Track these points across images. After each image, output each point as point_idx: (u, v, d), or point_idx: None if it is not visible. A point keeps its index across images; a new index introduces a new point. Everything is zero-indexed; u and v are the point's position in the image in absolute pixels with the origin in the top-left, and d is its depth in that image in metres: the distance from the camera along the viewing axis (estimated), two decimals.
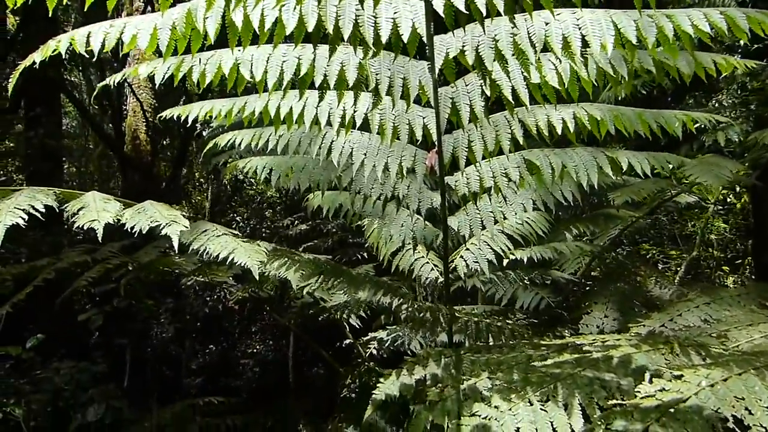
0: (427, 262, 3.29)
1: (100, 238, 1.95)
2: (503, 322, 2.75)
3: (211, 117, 2.38)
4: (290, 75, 1.81)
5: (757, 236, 6.85)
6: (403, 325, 3.34)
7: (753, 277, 8.11)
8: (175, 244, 2.11)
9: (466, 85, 2.12)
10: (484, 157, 2.49)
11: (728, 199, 8.53)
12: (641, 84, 4.27)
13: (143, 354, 6.84)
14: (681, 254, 8.40)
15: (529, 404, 1.56)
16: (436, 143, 2.41)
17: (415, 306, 2.82)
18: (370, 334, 3.63)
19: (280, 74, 1.81)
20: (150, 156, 8.71)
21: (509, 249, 3.19)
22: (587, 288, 3.58)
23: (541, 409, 1.54)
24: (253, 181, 9.57)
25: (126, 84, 8.75)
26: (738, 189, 7.83)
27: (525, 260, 3.29)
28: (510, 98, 1.94)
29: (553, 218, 3.39)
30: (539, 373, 1.66)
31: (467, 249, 3.18)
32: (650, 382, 1.50)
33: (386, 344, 3.49)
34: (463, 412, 1.68)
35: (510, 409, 1.55)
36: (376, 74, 1.88)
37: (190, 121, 2.41)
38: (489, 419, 1.55)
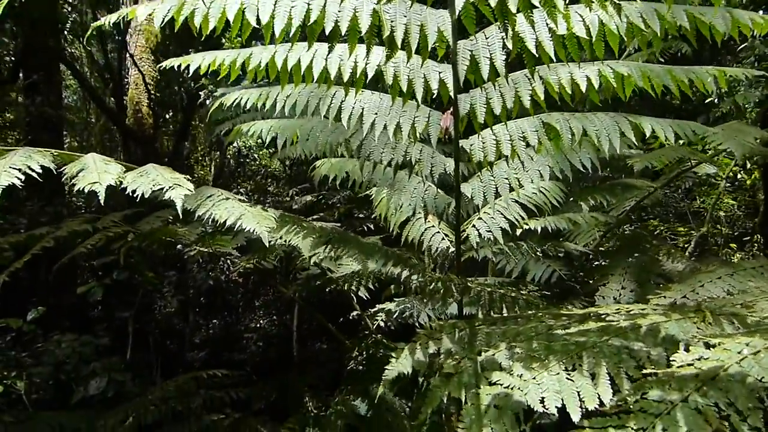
0: (438, 232, 3.18)
1: (102, 201, 1.85)
2: (517, 293, 2.65)
3: (214, 71, 2.25)
4: (299, 20, 1.69)
5: (766, 213, 6.76)
6: (412, 296, 3.25)
7: (761, 254, 8.02)
8: (179, 208, 2.01)
9: (487, 38, 2.00)
10: (499, 120, 2.37)
11: (738, 176, 8.42)
12: (659, 52, 4.13)
13: (146, 327, 6.79)
14: (689, 231, 8.30)
15: (553, 373, 1.47)
16: (451, 103, 2.29)
17: (426, 276, 2.72)
18: (377, 306, 3.54)
19: (288, 20, 1.69)
20: (152, 129, 8.58)
21: (523, 219, 3.08)
22: (602, 260, 3.47)
23: (567, 378, 1.45)
24: (256, 155, 9.45)
25: (128, 55, 8.61)
26: (749, 166, 7.73)
27: (539, 230, 3.18)
28: (534, 51, 1.81)
29: (569, 188, 3.28)
30: (563, 341, 1.56)
31: (480, 218, 3.07)
32: (686, 350, 1.40)
33: (394, 316, 3.40)
34: (481, 383, 1.59)
35: (534, 378, 1.46)
36: (391, 21, 1.76)
37: (191, 71, 2.29)
38: (511, 388, 1.45)
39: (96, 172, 2.21)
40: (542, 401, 1.41)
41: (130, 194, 2.33)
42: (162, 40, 8.71)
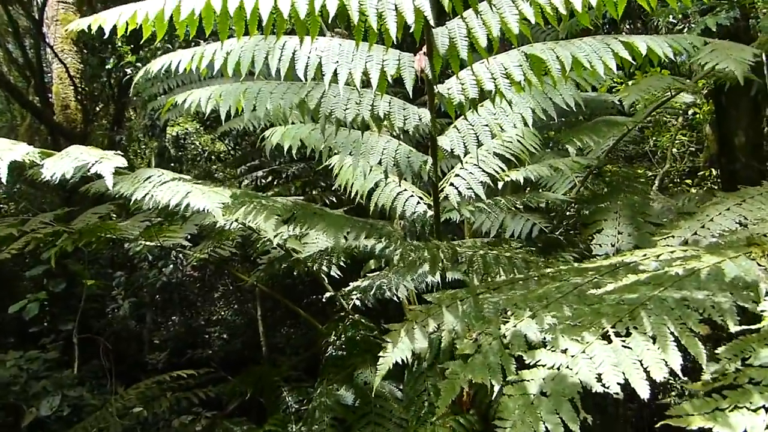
0: (412, 195, 2.88)
1: (3, 179, 1.49)
2: (512, 252, 2.38)
3: (131, 31, 1.86)
4: None
5: (722, 145, 6.74)
6: (394, 268, 2.94)
7: (717, 187, 8.05)
8: (110, 183, 1.68)
9: None
10: (480, 57, 2.06)
11: (689, 111, 8.40)
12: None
13: (96, 334, 6.34)
14: (645, 170, 8.26)
15: (605, 342, 1.19)
16: (424, 42, 1.97)
17: (408, 246, 2.41)
18: (351, 284, 3.23)
19: None
20: (83, 124, 8.00)
21: (503, 170, 2.81)
22: (586, 208, 3.24)
23: (623, 346, 1.17)
24: (198, 142, 8.90)
25: (48, 48, 7.96)
26: (698, 100, 7.70)
27: (521, 181, 2.91)
28: None
29: (544, 134, 3.02)
30: (607, 302, 1.28)
31: (457, 175, 2.78)
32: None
33: (371, 293, 3.09)
34: (510, 364, 1.31)
35: (584, 352, 1.18)
36: None
37: (107, 32, 1.89)
38: (559, 368, 1.17)
39: None
40: (599, 379, 1.13)
41: (64, 191, 1.97)
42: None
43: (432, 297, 1.98)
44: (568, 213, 3.47)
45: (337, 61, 1.97)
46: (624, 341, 1.18)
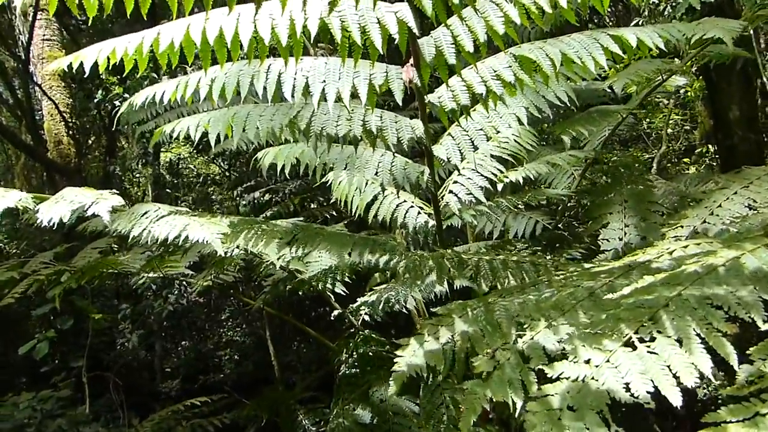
0: (412, 206, 2.84)
1: None
2: (518, 255, 2.34)
3: (115, 64, 1.82)
4: None
5: (717, 121, 6.71)
6: (400, 280, 2.90)
7: (716, 163, 8.01)
8: (107, 221, 1.66)
9: None
10: (467, 64, 2.02)
11: (681, 91, 8.37)
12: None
13: (107, 367, 6.30)
14: (642, 153, 8.23)
15: (629, 348, 1.15)
16: (410, 54, 1.93)
17: (413, 257, 2.37)
18: (358, 299, 3.18)
19: None
20: (77, 158, 7.98)
21: (501, 172, 2.77)
22: (588, 200, 3.20)
23: (648, 352, 1.13)
24: (192, 166, 8.87)
25: (36, 86, 7.95)
26: (689, 81, 7.68)
27: (521, 181, 2.87)
28: None
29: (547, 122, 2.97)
30: (625, 307, 1.24)
31: (455, 181, 2.75)
32: None
33: (380, 307, 3.05)
34: (530, 378, 1.26)
35: (608, 361, 1.13)
36: None
37: (87, 69, 1.86)
38: (583, 380, 1.12)
39: None
40: (627, 388, 1.09)
41: (62, 227, 1.96)
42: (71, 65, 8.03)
43: (442, 309, 1.94)
44: (569, 205, 3.43)
45: (324, 80, 1.93)
46: (649, 347, 1.14)
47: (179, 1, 1.50)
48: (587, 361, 1.15)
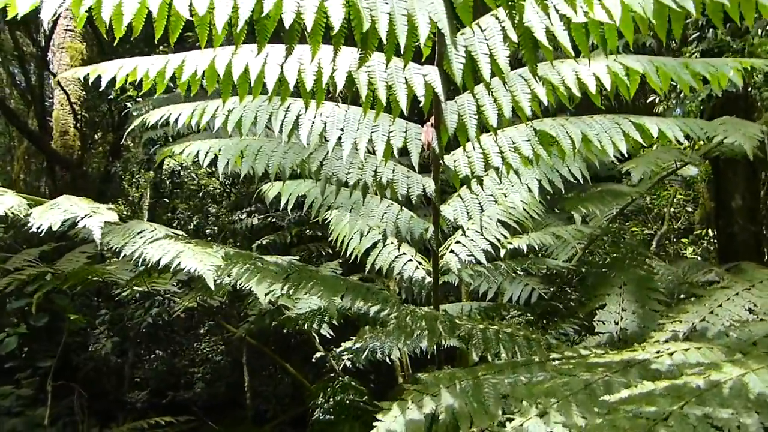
0: (411, 260, 2.80)
1: None
2: (512, 327, 2.29)
3: (133, 83, 1.81)
4: (247, 12, 1.27)
5: (719, 208, 6.73)
6: (388, 331, 2.85)
7: (714, 248, 8.01)
8: (98, 238, 1.64)
9: (483, 30, 1.62)
10: (486, 130, 2.01)
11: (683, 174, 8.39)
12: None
13: (76, 368, 6.16)
14: (641, 229, 8.22)
15: None
16: (431, 114, 1.91)
17: (406, 312, 2.32)
18: (342, 344, 3.12)
19: (233, 8, 1.27)
20: (80, 151, 7.96)
21: (506, 237, 2.74)
22: (589, 277, 3.16)
23: None
24: (194, 175, 8.83)
25: (51, 76, 7.96)
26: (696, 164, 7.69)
27: (524, 249, 2.84)
28: (545, 42, 1.44)
29: (549, 200, 2.96)
30: (623, 414, 1.20)
31: (458, 242, 2.71)
32: None
33: (363, 356, 2.98)
34: None
35: None
36: (371, 11, 1.36)
37: (103, 84, 1.84)
38: None
39: None
40: None
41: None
42: (89, 57, 8.08)
43: (429, 376, 1.89)
44: (569, 280, 3.40)
45: (342, 129, 1.91)
46: None
47: (209, 33, 1.48)
48: None
